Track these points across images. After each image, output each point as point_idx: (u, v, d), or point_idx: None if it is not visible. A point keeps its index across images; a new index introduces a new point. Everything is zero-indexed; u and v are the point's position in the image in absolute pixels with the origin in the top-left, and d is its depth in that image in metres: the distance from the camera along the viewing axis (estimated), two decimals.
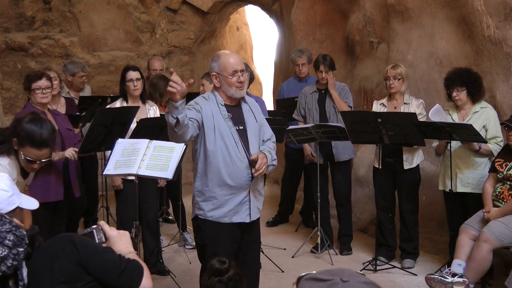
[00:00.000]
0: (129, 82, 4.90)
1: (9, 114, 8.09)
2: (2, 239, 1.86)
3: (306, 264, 5.30)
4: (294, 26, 7.74)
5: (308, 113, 5.65)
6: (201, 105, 3.48)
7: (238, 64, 3.50)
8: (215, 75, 3.54)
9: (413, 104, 5.07)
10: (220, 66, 3.51)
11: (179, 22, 9.24)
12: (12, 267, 1.87)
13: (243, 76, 3.52)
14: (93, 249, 2.00)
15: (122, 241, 2.11)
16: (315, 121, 5.54)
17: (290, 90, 6.55)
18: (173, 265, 5.28)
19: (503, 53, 4.87)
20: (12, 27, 8.63)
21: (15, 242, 1.89)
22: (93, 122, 4.37)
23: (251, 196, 3.54)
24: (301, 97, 5.75)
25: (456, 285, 4.17)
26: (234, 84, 3.50)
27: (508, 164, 4.34)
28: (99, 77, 8.73)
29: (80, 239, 2.02)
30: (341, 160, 5.59)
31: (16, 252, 1.88)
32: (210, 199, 3.51)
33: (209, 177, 3.50)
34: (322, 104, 5.60)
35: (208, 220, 3.52)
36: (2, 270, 1.85)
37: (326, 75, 5.49)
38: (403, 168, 5.04)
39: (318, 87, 5.66)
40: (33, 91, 4.36)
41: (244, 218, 3.55)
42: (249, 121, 3.60)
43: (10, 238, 1.88)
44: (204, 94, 3.66)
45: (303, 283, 1.40)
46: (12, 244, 1.87)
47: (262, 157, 3.48)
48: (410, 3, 5.89)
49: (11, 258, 1.86)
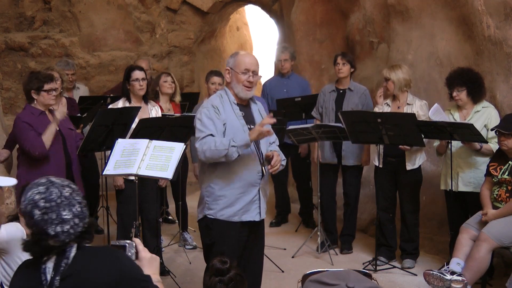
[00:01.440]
0: (134, 82, 4.88)
1: (9, 114, 8.09)
2: (71, 205, 1.91)
3: (306, 264, 5.30)
4: (294, 26, 7.74)
5: (325, 111, 5.63)
6: (219, 109, 3.50)
7: (252, 65, 3.54)
8: (228, 69, 3.59)
9: (416, 105, 5.06)
10: (235, 62, 3.56)
11: (179, 22, 9.24)
12: (65, 236, 1.88)
13: (253, 77, 3.54)
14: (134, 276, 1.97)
15: (152, 266, 2.11)
16: (331, 120, 5.53)
17: (272, 87, 6.57)
18: (173, 265, 5.28)
19: (503, 53, 4.87)
20: (12, 27, 8.63)
21: (79, 215, 1.92)
22: (94, 122, 4.36)
23: (261, 194, 3.56)
24: (320, 95, 5.75)
25: (454, 283, 4.15)
26: (242, 81, 3.52)
27: (502, 167, 4.33)
28: (99, 77, 8.73)
29: (129, 265, 1.99)
30: (347, 164, 5.59)
31: (76, 223, 1.90)
32: (220, 198, 3.51)
33: (220, 176, 3.50)
34: (340, 104, 5.57)
35: (218, 219, 3.53)
36: (57, 232, 1.87)
37: (343, 67, 5.50)
38: (405, 169, 5.04)
39: (337, 86, 5.65)
40: (44, 92, 4.34)
41: (254, 217, 3.57)
42: (258, 121, 3.62)
43: (77, 209, 1.92)
44: (217, 92, 3.69)
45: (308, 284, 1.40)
46: (78, 213, 1.91)
47: (277, 154, 3.54)
48: (410, 3, 5.89)
49: (70, 226, 1.89)
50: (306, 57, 7.55)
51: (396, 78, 5.05)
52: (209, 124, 3.44)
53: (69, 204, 1.90)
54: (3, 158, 4.52)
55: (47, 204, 1.88)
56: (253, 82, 3.55)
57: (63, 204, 1.89)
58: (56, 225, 1.87)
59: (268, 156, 3.52)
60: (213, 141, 3.39)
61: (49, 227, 1.87)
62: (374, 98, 5.64)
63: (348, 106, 5.51)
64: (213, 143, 3.39)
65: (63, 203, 1.90)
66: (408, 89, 5.14)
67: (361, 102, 5.53)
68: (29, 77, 4.46)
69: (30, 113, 4.35)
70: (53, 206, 1.88)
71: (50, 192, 1.90)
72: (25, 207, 1.90)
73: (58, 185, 1.92)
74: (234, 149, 3.35)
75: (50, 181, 1.94)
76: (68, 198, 1.91)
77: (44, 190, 1.90)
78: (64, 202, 1.90)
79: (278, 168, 3.53)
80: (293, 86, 6.48)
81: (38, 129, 4.30)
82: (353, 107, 5.49)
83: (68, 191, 1.93)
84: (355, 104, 5.51)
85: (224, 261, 2.64)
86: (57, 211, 1.88)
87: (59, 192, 1.91)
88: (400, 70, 5.08)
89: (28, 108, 4.40)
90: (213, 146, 3.38)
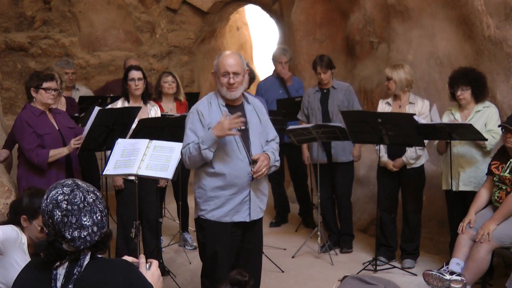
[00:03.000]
0: (130, 82, 4.89)
1: (9, 114, 8.09)
2: (93, 212, 1.89)
3: (306, 264, 5.30)
4: (294, 26, 7.74)
5: (311, 112, 5.66)
6: (204, 114, 3.54)
7: (231, 66, 3.51)
8: (213, 73, 3.63)
9: (419, 104, 5.07)
10: (217, 65, 3.58)
11: (179, 22, 9.24)
12: (80, 241, 1.86)
13: (234, 79, 3.51)
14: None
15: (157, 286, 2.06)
16: (318, 120, 5.55)
17: (267, 88, 6.55)
18: (173, 265, 5.28)
19: (503, 53, 4.87)
20: (12, 27, 8.63)
21: (98, 223, 1.91)
22: (94, 122, 4.36)
23: (252, 195, 3.55)
24: (304, 97, 5.79)
25: (453, 283, 4.14)
26: (224, 84, 3.53)
27: (504, 166, 4.32)
28: (99, 77, 8.72)
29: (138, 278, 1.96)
30: (339, 161, 5.61)
31: (95, 231, 1.89)
32: (211, 199, 3.53)
33: (210, 177, 3.51)
34: (325, 103, 5.60)
35: (209, 220, 3.54)
36: (74, 236, 1.85)
37: (324, 76, 5.52)
38: (410, 168, 5.04)
39: (320, 87, 5.67)
40: (42, 90, 4.35)
41: (245, 218, 3.56)
42: (252, 121, 3.61)
43: (98, 217, 1.91)
44: (208, 94, 3.70)
45: (347, 279, 1.44)
46: (97, 222, 1.90)
47: (263, 159, 3.50)
48: (410, 3, 5.89)
49: (88, 233, 1.87)
50: (306, 57, 7.54)
51: (398, 78, 5.05)
52: (190, 133, 3.53)
53: (90, 210, 1.89)
54: (3, 158, 4.52)
55: (69, 206, 1.86)
56: (234, 83, 3.52)
57: (85, 209, 1.88)
58: (74, 229, 1.85)
59: (254, 160, 3.51)
60: (188, 149, 3.50)
61: (66, 230, 1.85)
62: (375, 98, 5.65)
63: (333, 104, 5.54)
64: (188, 151, 3.50)
65: (85, 208, 1.88)
66: (410, 89, 5.14)
67: (346, 99, 5.56)
68: (30, 76, 4.48)
69: (31, 112, 4.35)
70: (75, 209, 1.86)
71: (74, 195, 1.88)
72: (46, 206, 1.88)
73: (83, 190, 1.91)
74: (206, 150, 3.43)
75: (76, 183, 1.92)
76: (90, 205, 1.89)
77: (69, 192, 1.88)
78: (86, 208, 1.88)
79: (264, 173, 3.50)
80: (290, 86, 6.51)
81: (38, 129, 4.29)
82: (339, 104, 5.52)
83: (92, 197, 1.91)
84: (341, 101, 5.54)
85: (244, 274, 2.68)
86: (78, 216, 1.86)
87: (83, 196, 1.89)
88: (402, 69, 5.08)
89: (29, 108, 4.40)
90: (189, 154, 3.50)
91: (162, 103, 5.69)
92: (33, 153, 4.25)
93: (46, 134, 4.33)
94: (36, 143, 4.27)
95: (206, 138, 3.42)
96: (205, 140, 3.42)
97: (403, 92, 5.12)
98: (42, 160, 4.26)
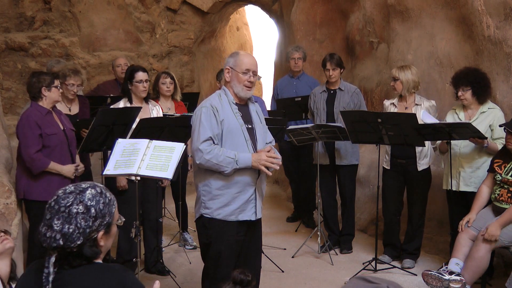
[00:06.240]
0: (138, 83, 4.88)
1: (9, 114, 8.10)
2: (67, 222, 1.84)
3: (306, 264, 5.31)
4: (294, 26, 7.74)
5: (316, 112, 5.66)
6: (218, 109, 3.53)
7: (252, 65, 3.58)
8: (228, 69, 3.62)
9: (424, 106, 5.06)
10: (236, 61, 3.59)
11: (179, 22, 9.24)
12: (43, 239, 1.84)
13: (253, 77, 3.59)
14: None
15: None
16: (322, 120, 5.55)
17: (283, 87, 6.64)
18: (173, 265, 5.28)
19: (503, 53, 4.87)
20: (12, 27, 8.63)
21: (66, 235, 1.85)
22: (94, 122, 4.36)
23: (257, 194, 3.57)
24: (311, 97, 5.79)
25: (453, 283, 4.15)
26: (243, 81, 3.56)
27: (507, 165, 4.32)
28: (99, 77, 8.72)
29: (131, 282, 1.95)
30: (341, 164, 5.60)
31: (56, 239, 1.84)
32: (217, 197, 3.52)
33: (216, 175, 3.51)
34: (331, 104, 5.59)
35: (214, 219, 3.53)
36: (41, 230, 1.84)
37: (333, 73, 5.51)
38: (417, 170, 5.04)
39: (327, 87, 5.67)
40: (55, 87, 4.36)
41: (250, 216, 3.57)
42: (256, 121, 3.67)
43: (68, 230, 1.84)
44: (216, 92, 3.70)
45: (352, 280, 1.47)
46: (64, 232, 1.84)
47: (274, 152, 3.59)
48: (410, 3, 5.89)
49: (50, 236, 1.84)
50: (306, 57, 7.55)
51: (405, 79, 5.05)
52: (206, 127, 3.47)
53: (66, 218, 1.85)
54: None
55: (53, 203, 1.87)
56: (253, 82, 3.60)
57: (62, 215, 1.85)
58: (45, 224, 1.86)
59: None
60: (217, 155, 3.43)
61: (43, 221, 1.87)
62: (375, 98, 5.65)
63: (339, 106, 5.53)
64: (216, 158, 3.43)
65: (62, 214, 1.85)
66: (416, 91, 5.14)
67: (353, 102, 5.54)
68: (37, 76, 4.40)
69: (38, 111, 4.33)
70: (55, 208, 1.86)
71: (66, 197, 1.88)
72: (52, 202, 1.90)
73: (80, 199, 1.88)
74: (235, 169, 3.45)
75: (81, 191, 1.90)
76: (70, 214, 1.85)
77: (69, 192, 1.89)
78: (64, 214, 1.85)
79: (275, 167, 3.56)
80: (303, 86, 6.52)
81: (46, 129, 4.28)
82: (345, 106, 5.51)
83: (78, 210, 1.87)
84: (347, 103, 5.53)
85: (247, 273, 2.68)
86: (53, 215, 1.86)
87: (70, 203, 1.86)
88: (409, 71, 5.08)
89: (35, 106, 4.36)
90: (216, 160, 3.43)
91: (160, 102, 5.68)
92: (34, 156, 4.23)
93: (53, 134, 4.31)
94: (38, 147, 4.24)
95: (243, 162, 3.43)
96: (240, 162, 3.43)
97: (409, 93, 5.12)
98: (39, 167, 4.24)
